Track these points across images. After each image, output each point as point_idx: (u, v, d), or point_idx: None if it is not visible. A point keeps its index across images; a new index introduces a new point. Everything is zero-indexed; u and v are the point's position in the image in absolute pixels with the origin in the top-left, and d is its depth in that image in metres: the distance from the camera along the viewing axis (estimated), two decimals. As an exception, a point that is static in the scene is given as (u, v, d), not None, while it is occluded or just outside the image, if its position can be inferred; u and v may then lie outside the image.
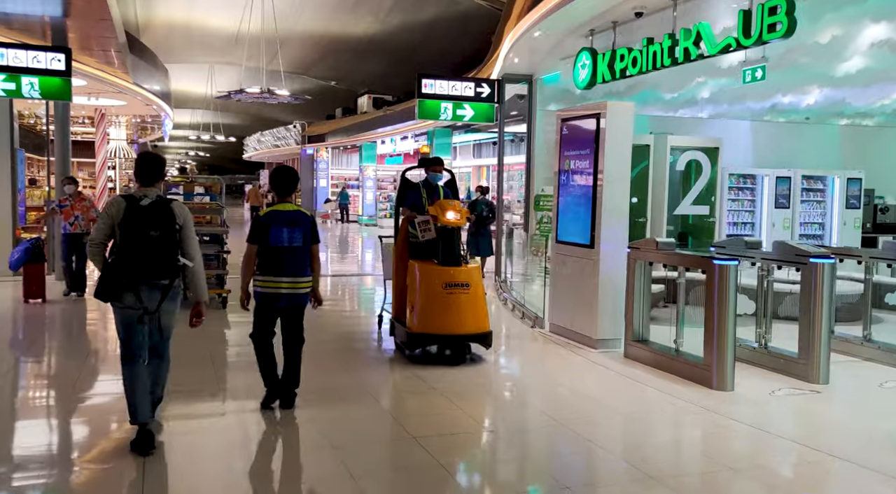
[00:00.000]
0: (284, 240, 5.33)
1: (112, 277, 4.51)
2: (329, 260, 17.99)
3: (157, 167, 4.78)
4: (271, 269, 5.35)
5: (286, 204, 5.50)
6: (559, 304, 8.32)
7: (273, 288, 5.36)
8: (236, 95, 22.33)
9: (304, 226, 5.41)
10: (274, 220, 5.35)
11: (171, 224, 4.57)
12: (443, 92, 12.25)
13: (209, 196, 12.82)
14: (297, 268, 5.38)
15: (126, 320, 4.59)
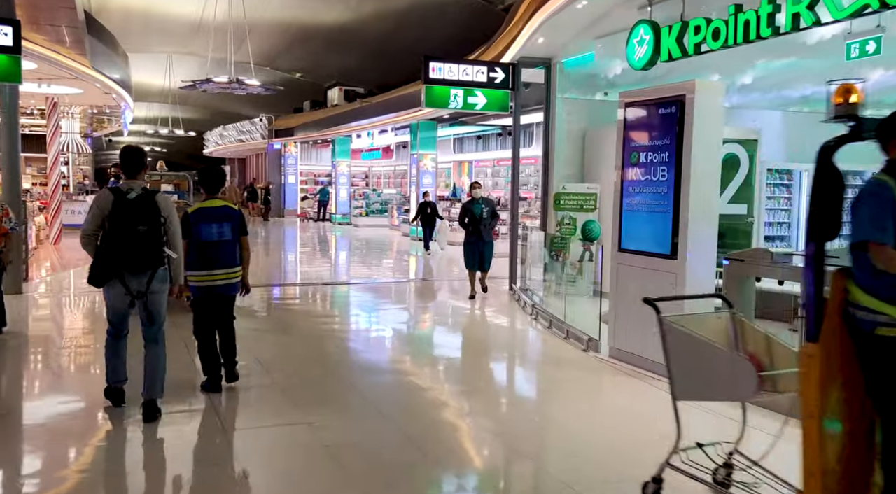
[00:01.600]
0: (214, 234, 5.60)
1: (101, 265, 4.83)
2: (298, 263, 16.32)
3: (140, 159, 5.09)
4: (205, 264, 5.60)
5: (214, 200, 5.76)
6: (624, 325, 6.90)
7: (209, 281, 5.63)
8: (202, 85, 20.45)
9: (233, 221, 5.71)
10: (203, 217, 5.61)
11: (157, 218, 4.84)
12: (452, 77, 10.75)
13: (177, 194, 11.22)
14: (228, 261, 5.70)
15: (114, 303, 5.00)
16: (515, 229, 11.55)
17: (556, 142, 11.03)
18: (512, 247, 11.52)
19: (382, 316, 10.08)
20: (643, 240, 6.64)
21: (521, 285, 11.28)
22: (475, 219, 10.48)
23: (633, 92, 6.96)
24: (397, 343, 8.34)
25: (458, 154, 24.70)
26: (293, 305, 10.93)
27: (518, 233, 11.55)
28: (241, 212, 5.91)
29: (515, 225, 11.58)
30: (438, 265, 15.47)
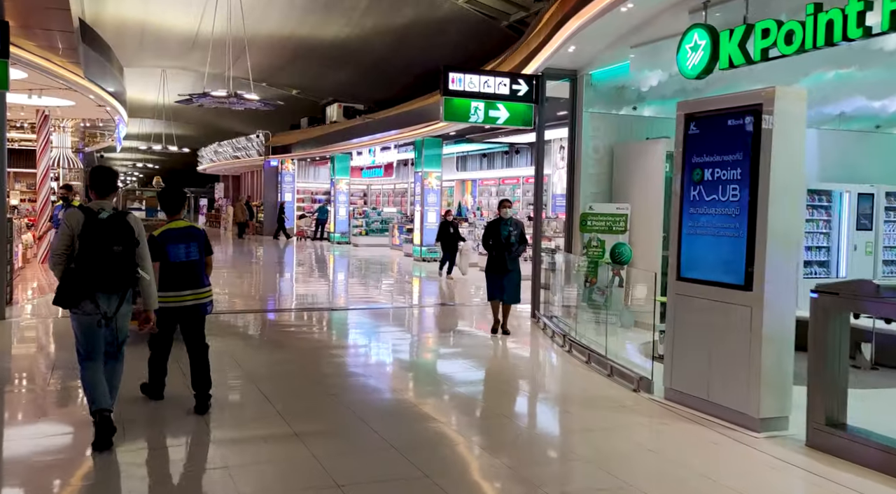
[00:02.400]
0: (182, 255, 5.64)
1: (71, 285, 4.71)
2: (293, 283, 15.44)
3: (112, 179, 5.04)
4: (174, 285, 5.61)
5: (178, 221, 5.79)
6: (685, 363, 6.08)
7: (176, 302, 5.65)
8: (199, 99, 19.64)
9: (199, 240, 5.76)
10: (169, 239, 5.64)
11: (132, 238, 4.82)
12: (473, 88, 10.00)
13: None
14: (197, 281, 5.73)
15: (85, 325, 4.82)
16: (538, 251, 10.75)
17: (582, 160, 10.26)
18: (535, 270, 10.72)
19: (392, 347, 9.22)
20: (709, 268, 5.85)
21: (545, 311, 10.48)
22: (500, 243, 9.15)
23: (696, 102, 6.21)
24: (414, 380, 7.48)
25: (462, 172, 23.96)
26: (294, 332, 10.07)
27: (541, 256, 10.75)
28: (205, 232, 5.99)
29: (538, 247, 10.78)
30: (456, 289, 14.57)
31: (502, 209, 9.37)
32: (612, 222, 10.07)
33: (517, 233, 9.19)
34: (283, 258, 22.47)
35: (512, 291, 9.27)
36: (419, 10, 24.27)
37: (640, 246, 9.85)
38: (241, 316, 10.84)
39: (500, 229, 9.21)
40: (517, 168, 21.27)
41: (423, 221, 19.09)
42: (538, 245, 10.82)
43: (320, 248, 24.62)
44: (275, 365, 7.60)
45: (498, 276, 9.25)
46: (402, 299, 13.98)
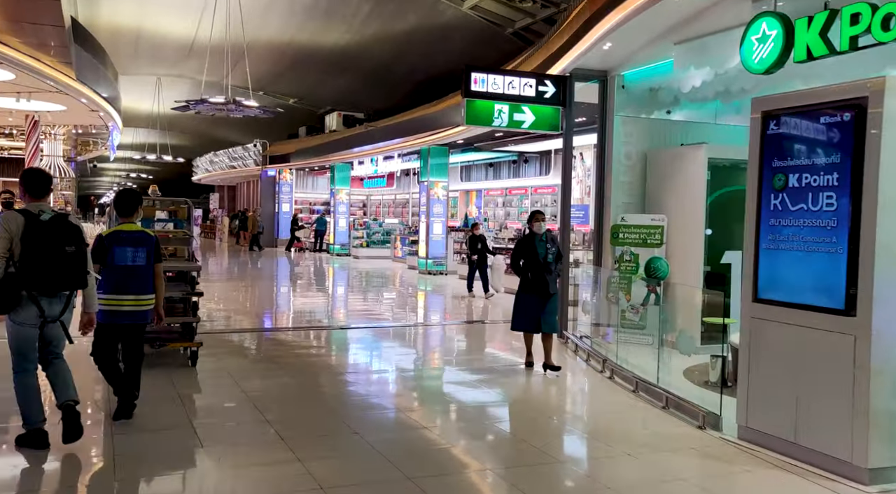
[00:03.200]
0: (128, 259, 5.50)
1: (11, 289, 4.56)
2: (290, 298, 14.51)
3: (46, 181, 4.95)
4: (116, 288, 5.47)
5: (129, 224, 5.65)
6: (764, 399, 5.22)
7: (116, 305, 5.48)
8: (196, 106, 18.76)
9: (148, 246, 5.60)
10: (117, 240, 5.51)
11: (82, 238, 4.83)
12: (497, 90, 9.16)
13: (174, 222, 9.46)
14: (140, 287, 5.55)
15: (24, 332, 4.71)
16: (567, 266, 9.88)
17: (613, 167, 9.43)
18: (563, 286, 9.84)
19: (409, 372, 8.34)
20: (797, 288, 5.00)
21: (574, 330, 9.61)
22: (538, 263, 7.61)
23: (778, 97, 5.37)
24: (443, 416, 6.59)
25: (466, 182, 23.13)
26: (301, 353, 9.15)
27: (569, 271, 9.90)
28: (157, 239, 5.82)
29: (567, 260, 9.90)
30: (476, 306, 13.61)
31: (535, 222, 7.79)
32: (646, 235, 9.23)
33: (555, 249, 7.81)
34: (289, 271, 21.54)
35: (553, 319, 7.87)
36: (422, 17, 23.51)
37: (678, 260, 9.00)
38: (244, 337, 9.94)
39: (535, 247, 7.67)
40: (525, 178, 20.45)
41: (428, 233, 18.23)
42: (567, 258, 9.94)
43: (320, 260, 23.69)
44: (284, 393, 6.71)
45: (537, 301, 7.65)
46: (420, 315, 13.11)
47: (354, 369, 8.22)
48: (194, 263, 8.11)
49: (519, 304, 7.81)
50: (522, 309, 7.77)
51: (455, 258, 18.39)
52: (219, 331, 9.79)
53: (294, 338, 10.01)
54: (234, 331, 10.18)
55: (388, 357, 9.04)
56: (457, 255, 18.44)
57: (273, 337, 10.07)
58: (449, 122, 16.49)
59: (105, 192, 67.31)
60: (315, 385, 7.22)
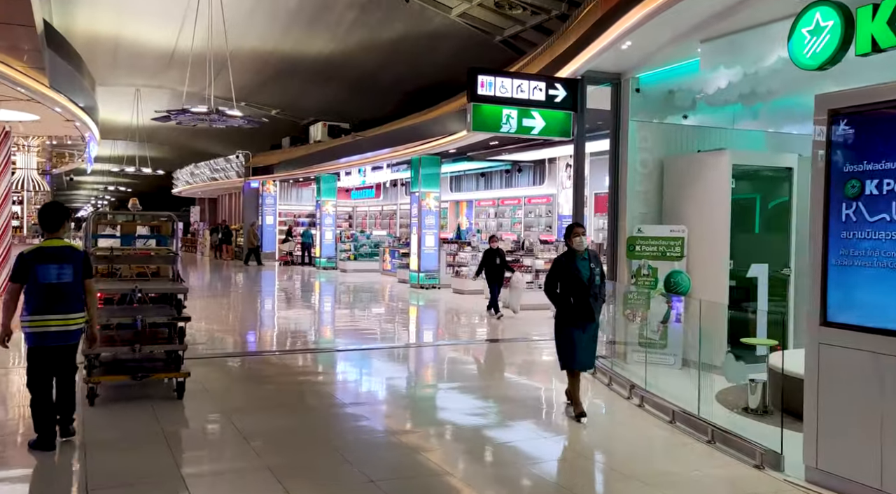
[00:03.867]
0: (53, 276, 5.23)
1: None
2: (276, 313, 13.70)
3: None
4: (40, 308, 5.21)
5: (54, 240, 5.37)
6: (839, 437, 4.56)
7: (42, 326, 5.21)
8: (177, 116, 17.94)
9: (75, 262, 5.34)
10: (40, 258, 5.25)
11: None
12: (505, 94, 8.50)
13: (157, 239, 8.70)
14: (67, 305, 5.28)
15: None
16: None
17: (629, 175, 8.79)
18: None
19: (425, 402, 7.60)
20: (878, 310, 4.36)
21: (607, 353, 8.90)
22: (581, 287, 6.29)
23: (848, 93, 4.74)
24: (468, 455, 5.86)
25: (457, 192, 22.46)
26: (298, 382, 8.37)
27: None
28: (86, 253, 5.62)
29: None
30: (486, 323, 12.82)
31: (574, 237, 6.39)
32: (665, 247, 8.58)
33: (599, 270, 6.47)
34: (277, 287, 20.69)
35: (593, 351, 6.60)
36: (409, 25, 22.87)
37: (700, 274, 8.36)
38: (234, 362, 9.14)
39: (576, 266, 6.33)
40: (518, 188, 19.82)
41: (420, 245, 17.51)
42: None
43: (307, 274, 22.85)
44: (285, 432, 5.95)
45: (580, 331, 6.33)
46: (429, 335, 12.37)
47: (363, 400, 7.44)
48: (180, 284, 7.32)
49: (565, 339, 6.41)
50: (569, 342, 6.37)
51: (448, 271, 17.68)
52: (206, 356, 8.99)
53: (290, 363, 9.22)
54: (222, 356, 9.35)
55: (397, 385, 8.29)
56: (450, 268, 17.74)
57: (266, 361, 9.27)
58: (442, 131, 15.82)
59: (83, 206, 65.85)
60: (319, 419, 6.46)
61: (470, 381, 8.45)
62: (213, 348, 9.98)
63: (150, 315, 6.75)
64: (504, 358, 10.00)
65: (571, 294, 6.29)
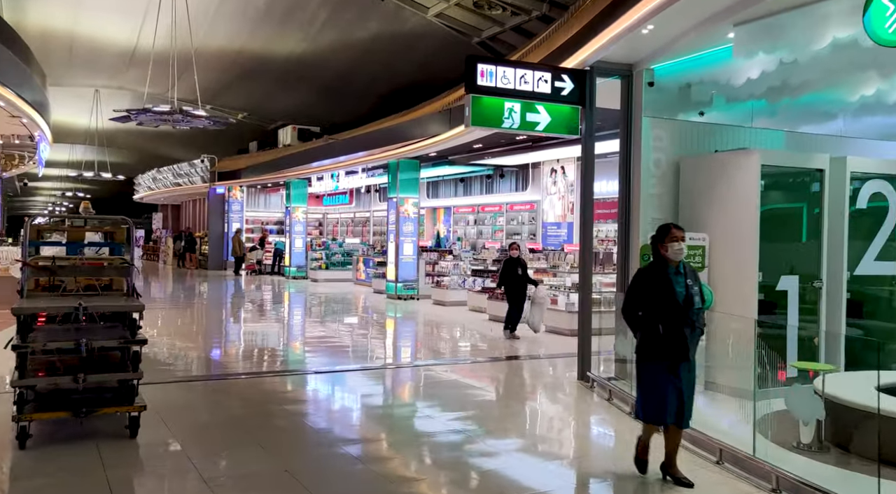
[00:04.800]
0: None
1: None
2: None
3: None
4: None
5: None
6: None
7: None
8: (138, 116, 16.70)
9: None
10: None
11: None
12: (507, 85, 7.55)
13: (111, 246, 7.55)
14: None
15: None
16: (589, 292, 8.27)
17: (641, 178, 7.90)
18: (585, 316, 8.23)
19: (442, 447, 6.57)
20: None
21: (602, 371, 8.00)
22: (676, 308, 4.78)
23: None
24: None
25: (434, 199, 21.47)
26: (277, 413, 7.27)
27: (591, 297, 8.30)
28: None
29: (589, 286, 8.30)
30: (518, 345, 10.94)
31: (671, 243, 4.85)
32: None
33: (697, 288, 4.90)
34: (245, 298, 19.44)
35: (691, 401, 4.93)
36: (383, 25, 21.88)
37: (724, 286, 7.50)
38: (199, 388, 8.00)
39: (669, 282, 4.82)
40: (500, 193, 18.91)
41: (398, 254, 16.47)
42: (588, 283, 8.34)
43: (277, 284, 21.61)
44: (261, 478, 4.88)
45: (673, 372, 4.79)
46: (426, 352, 11.33)
47: (351, 435, 6.39)
48: (135, 300, 6.20)
49: (650, 379, 4.90)
50: (659, 388, 4.81)
51: (427, 281, 16.67)
52: (165, 380, 7.84)
53: (262, 388, 8.07)
54: (184, 379, 8.20)
55: (402, 416, 7.22)
56: (429, 278, 16.73)
57: (233, 386, 8.13)
58: (422, 133, 14.85)
59: (40, 212, 63.38)
60: (300, 462, 5.39)
61: (481, 410, 7.44)
62: (174, 369, 8.83)
63: (97, 337, 5.63)
64: (521, 379, 9.00)
65: (661, 319, 4.78)
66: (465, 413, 6.80)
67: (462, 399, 7.55)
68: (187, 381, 8.11)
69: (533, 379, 8.82)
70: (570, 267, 11.52)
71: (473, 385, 8.35)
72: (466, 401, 7.43)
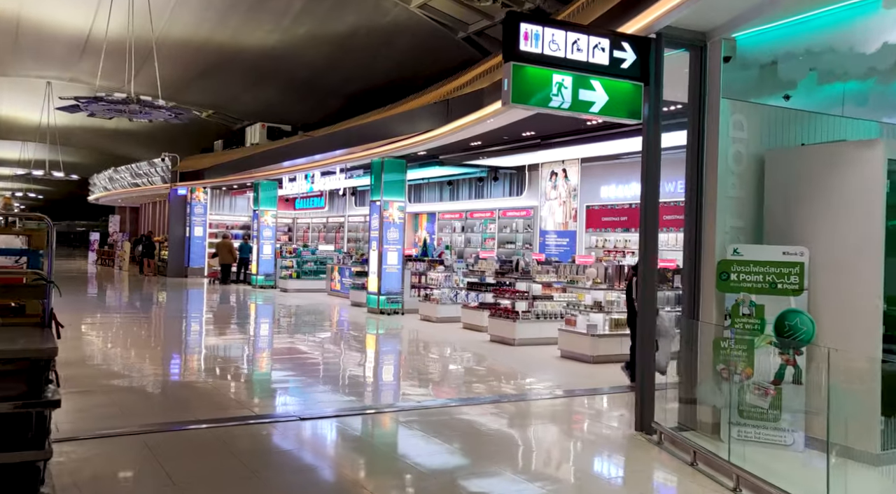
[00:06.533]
0: None
1: None
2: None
3: None
4: None
5: None
6: None
7: None
8: (88, 104, 14.51)
9: None
10: None
11: None
12: (556, 52, 5.74)
13: (27, 256, 5.44)
14: None
15: None
16: (652, 321, 6.45)
17: (718, 176, 6.14)
18: (646, 353, 6.40)
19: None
20: None
21: (664, 416, 6.18)
22: None
23: None
24: None
25: (416, 203, 19.54)
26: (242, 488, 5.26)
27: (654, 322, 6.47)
28: None
29: (651, 313, 6.47)
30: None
31: None
32: (776, 276, 5.94)
33: None
34: (217, 309, 17.22)
35: None
36: (362, 18, 19.93)
37: (830, 315, 5.77)
38: (145, 447, 5.91)
39: None
40: (491, 198, 17.08)
41: (381, 263, 14.52)
42: (652, 305, 6.50)
43: (242, 294, 19.42)
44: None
45: None
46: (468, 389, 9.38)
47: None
48: (45, 341, 4.14)
49: None
50: None
51: (412, 294, 14.77)
52: (97, 434, 5.78)
53: (232, 445, 6.02)
54: (123, 433, 6.04)
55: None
56: (413, 290, 14.83)
57: (190, 442, 6.05)
58: (411, 129, 12.97)
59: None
60: None
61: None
62: (110, 416, 6.63)
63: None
64: (559, 429, 7.13)
65: None
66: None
67: (475, 468, 5.63)
68: (130, 435, 6.00)
69: (573, 430, 6.90)
70: (593, 282, 9.73)
71: (490, 437, 6.44)
72: (480, 470, 5.51)
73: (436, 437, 6.07)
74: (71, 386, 6.56)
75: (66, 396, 4.19)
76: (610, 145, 12.30)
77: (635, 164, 13.40)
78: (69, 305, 13.36)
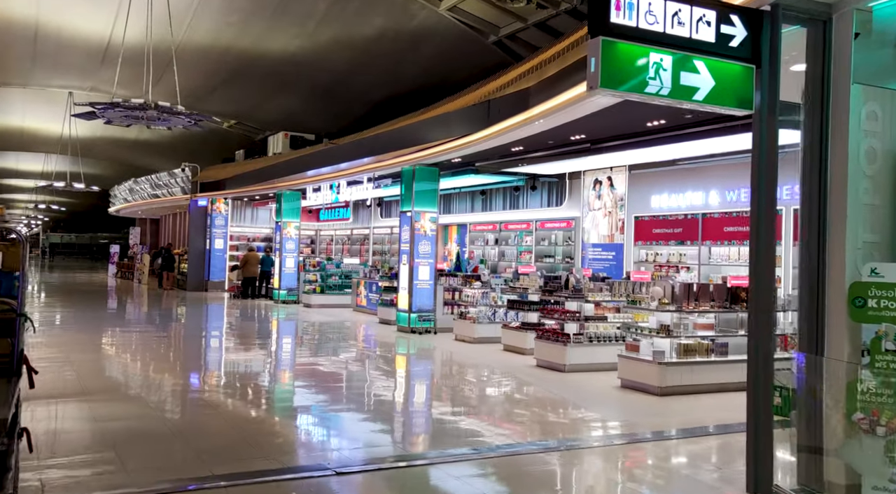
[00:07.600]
0: None
1: None
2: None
3: None
4: None
5: None
6: None
7: None
8: (105, 111, 13.60)
9: None
10: None
11: None
12: (654, 26, 4.58)
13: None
14: None
15: None
16: (770, 359, 5.20)
17: (849, 178, 4.94)
18: (759, 400, 5.15)
19: None
20: None
21: (784, 477, 4.95)
22: None
23: None
24: None
25: (446, 214, 18.40)
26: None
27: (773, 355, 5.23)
28: None
29: (769, 339, 5.21)
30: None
31: None
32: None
33: None
34: (242, 330, 16.18)
35: None
36: (388, 21, 18.90)
37: None
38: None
39: None
40: (528, 209, 15.89)
41: (412, 278, 13.38)
42: (769, 338, 5.25)
43: (264, 310, 18.34)
44: None
45: None
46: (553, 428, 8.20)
47: None
48: (9, 395, 3.02)
49: None
50: None
51: (445, 311, 13.61)
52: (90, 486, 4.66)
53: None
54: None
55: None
56: (446, 307, 13.68)
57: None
58: (445, 135, 11.86)
59: (16, 226, 59.54)
60: None
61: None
62: (108, 472, 5.52)
63: None
64: (647, 486, 5.91)
65: None
66: None
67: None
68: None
69: (669, 487, 5.68)
70: (660, 302, 8.50)
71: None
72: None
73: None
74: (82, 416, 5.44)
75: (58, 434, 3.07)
76: (665, 150, 11.08)
77: (691, 171, 12.11)
78: (76, 323, 12.27)
